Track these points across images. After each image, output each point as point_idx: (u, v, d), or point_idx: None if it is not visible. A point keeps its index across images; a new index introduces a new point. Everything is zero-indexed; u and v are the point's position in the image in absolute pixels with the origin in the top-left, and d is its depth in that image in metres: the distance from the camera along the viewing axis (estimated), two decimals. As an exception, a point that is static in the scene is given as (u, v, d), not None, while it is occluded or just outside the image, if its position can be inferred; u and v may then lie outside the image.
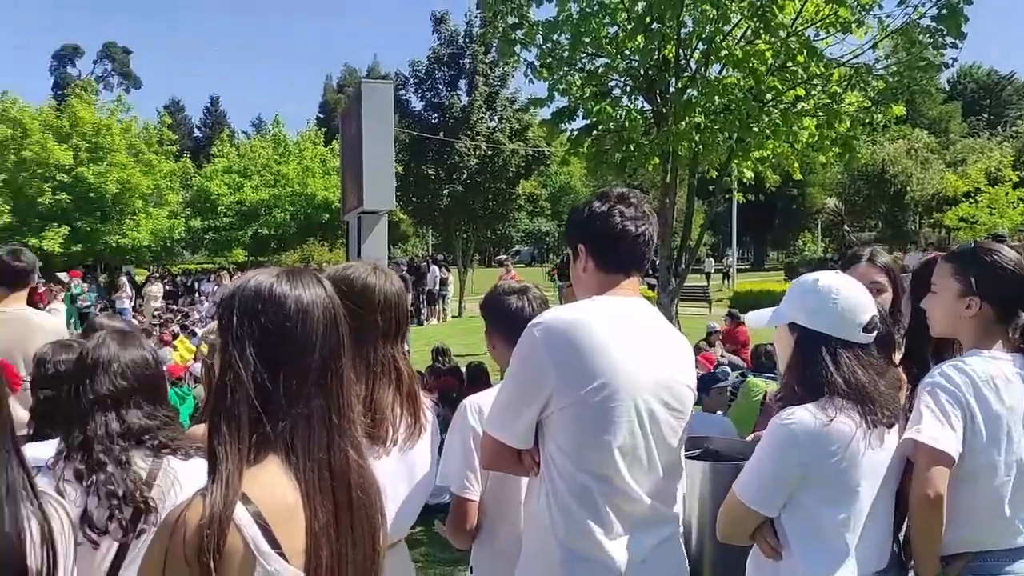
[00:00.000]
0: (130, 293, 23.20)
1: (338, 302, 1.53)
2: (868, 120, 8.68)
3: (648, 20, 7.94)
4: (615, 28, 8.39)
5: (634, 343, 2.02)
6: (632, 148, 8.57)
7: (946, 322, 2.31)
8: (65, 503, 1.75)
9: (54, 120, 27.94)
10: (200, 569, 1.29)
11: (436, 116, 24.78)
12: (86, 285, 22.32)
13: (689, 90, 8.32)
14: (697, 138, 8.10)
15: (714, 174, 9.53)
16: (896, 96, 8.56)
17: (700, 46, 8.36)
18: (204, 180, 32.70)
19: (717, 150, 8.78)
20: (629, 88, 8.97)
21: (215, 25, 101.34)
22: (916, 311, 2.53)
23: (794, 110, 8.40)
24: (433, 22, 25.21)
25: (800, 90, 8.30)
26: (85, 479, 2.03)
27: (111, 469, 2.05)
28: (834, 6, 7.80)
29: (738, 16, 7.96)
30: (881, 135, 26.59)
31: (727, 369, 7.12)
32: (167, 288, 25.61)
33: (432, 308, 22.72)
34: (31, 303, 4.78)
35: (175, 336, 13.71)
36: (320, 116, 57.50)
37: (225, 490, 1.33)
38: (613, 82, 8.97)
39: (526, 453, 2.09)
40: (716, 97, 8.04)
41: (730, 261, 36.65)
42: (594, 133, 8.91)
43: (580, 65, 8.75)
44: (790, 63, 8.03)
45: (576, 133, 9.21)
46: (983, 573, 2.16)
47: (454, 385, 8.30)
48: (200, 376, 8.36)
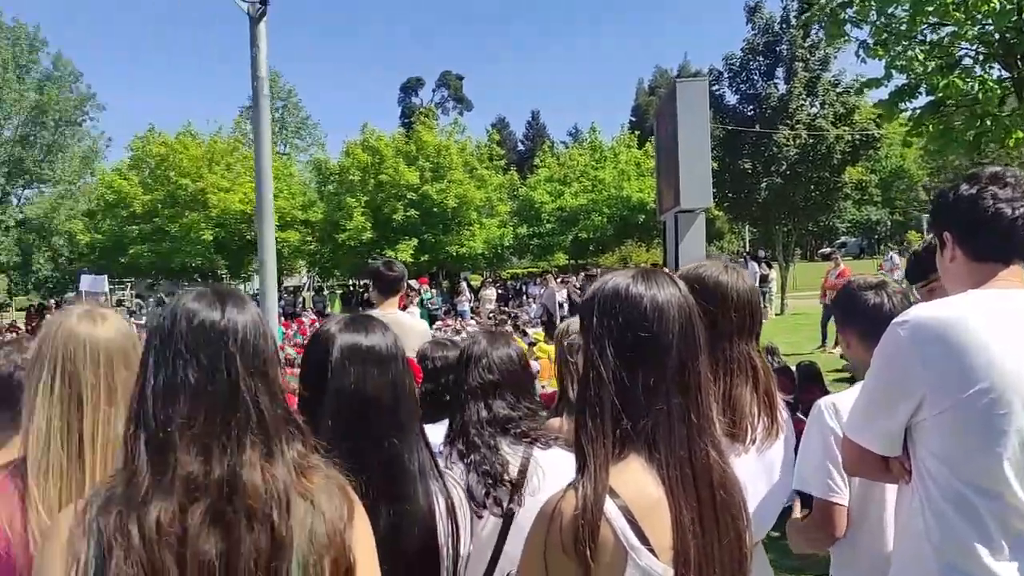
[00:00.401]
0: (469, 297, 25.43)
1: (692, 301, 1.55)
2: None
3: (1005, -23, 7.02)
4: (964, -9, 7.53)
5: (1019, 342, 1.79)
6: (988, 123, 7.61)
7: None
8: (459, 481, 2.03)
9: (404, 145, 31.13)
10: (577, 558, 1.37)
11: (752, 108, 23.96)
12: (434, 290, 24.95)
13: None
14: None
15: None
16: None
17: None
18: (528, 190, 34.58)
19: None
20: (982, 56, 7.98)
21: (534, 46, 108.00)
22: None
23: None
24: (747, 12, 24.45)
25: None
26: (465, 459, 2.30)
27: (484, 452, 2.28)
28: None
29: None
30: None
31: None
32: (499, 291, 27.53)
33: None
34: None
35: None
36: (632, 120, 58.22)
37: (594, 483, 1.40)
38: (962, 51, 8.05)
39: (894, 460, 1.95)
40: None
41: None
42: (941, 110, 8.06)
43: (921, 37, 7.97)
44: None
45: (918, 112, 8.39)
46: None
47: (786, 385, 7.98)
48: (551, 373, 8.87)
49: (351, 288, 32.33)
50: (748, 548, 1.53)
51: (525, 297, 27.19)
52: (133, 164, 33.62)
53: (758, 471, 2.05)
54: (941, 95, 7.71)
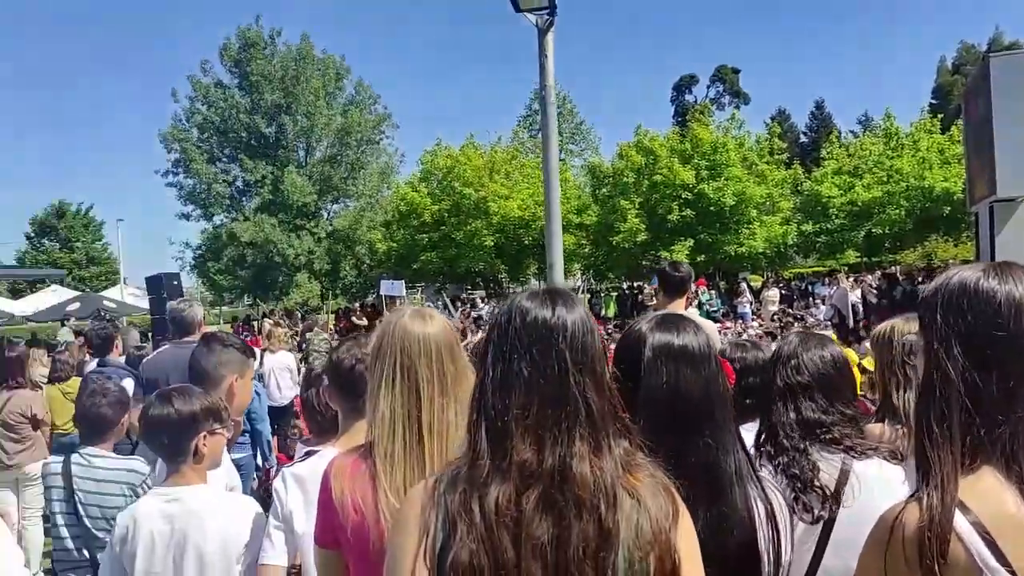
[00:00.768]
0: (750, 298, 24.54)
1: None
2: None
3: None
4: None
5: None
6: None
7: None
8: (778, 486, 1.95)
9: (678, 144, 30.87)
10: (923, 573, 1.28)
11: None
12: (712, 292, 24.40)
13: None
14: None
15: None
16: None
17: None
18: (814, 184, 32.72)
19: None
20: None
21: (815, 31, 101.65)
22: None
23: None
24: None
25: None
26: (773, 461, 2.22)
27: (793, 455, 2.20)
28: None
29: None
30: None
31: None
32: (782, 292, 26.29)
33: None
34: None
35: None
36: (934, 102, 52.70)
37: (942, 495, 1.29)
38: None
39: None
40: None
41: None
42: None
43: None
44: None
45: None
46: None
47: None
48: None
49: (625, 291, 32.62)
50: None
51: (812, 298, 25.72)
52: (423, 176, 36.73)
53: None
54: None
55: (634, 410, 1.73)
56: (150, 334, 13.95)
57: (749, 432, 2.35)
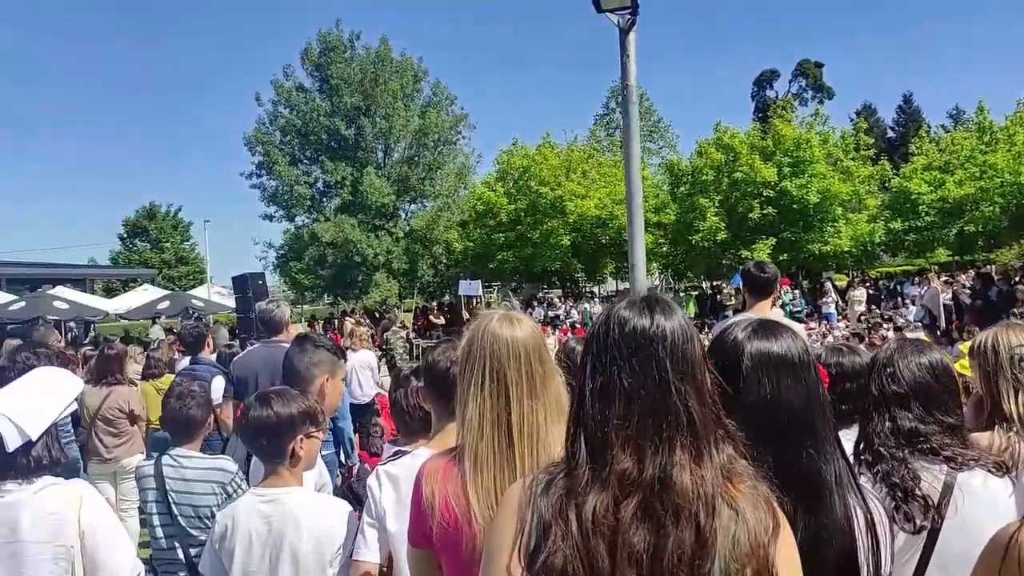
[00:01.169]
0: (835, 298, 23.83)
1: None
2: None
3: None
4: None
5: None
6: None
7: None
8: (877, 496, 1.89)
9: (759, 141, 30.20)
10: None
11: None
12: (795, 292, 23.79)
13: None
14: None
15: None
16: None
17: None
18: (903, 180, 31.52)
19: None
20: None
21: (904, 22, 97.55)
22: None
23: None
24: None
25: None
26: (871, 469, 2.18)
27: (892, 463, 2.15)
28: None
29: None
30: None
31: None
32: (869, 292, 25.46)
33: None
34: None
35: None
36: (1033, 93, 50.14)
37: None
38: None
39: None
40: None
41: None
42: None
43: None
44: None
45: None
46: None
47: None
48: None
49: (706, 291, 32.10)
50: None
51: (900, 298, 24.84)
52: (499, 176, 36.87)
53: None
54: None
55: (729, 415, 1.70)
56: (236, 331, 14.44)
57: (848, 440, 2.29)
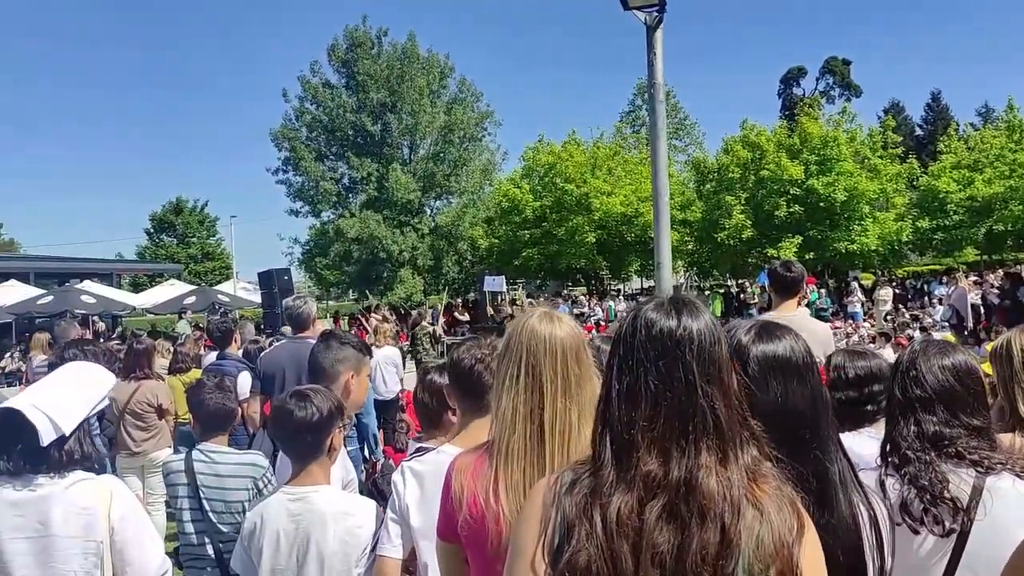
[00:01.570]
0: (861, 297, 23.58)
1: None
2: None
3: None
4: None
5: None
6: None
7: None
8: (879, 497, 1.90)
9: (786, 139, 29.86)
10: None
11: None
12: (821, 291, 23.57)
13: None
14: None
15: None
16: None
17: None
18: (931, 179, 31.10)
19: None
20: None
21: (932, 19, 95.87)
22: None
23: None
24: None
25: None
26: (899, 471, 2.17)
27: (918, 466, 2.14)
28: None
29: None
30: None
31: None
32: (896, 291, 25.16)
33: None
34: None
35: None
36: (1067, 89, 49.15)
37: None
38: None
39: None
40: None
41: None
42: None
43: None
44: None
45: None
46: None
47: None
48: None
49: (732, 289, 31.86)
50: None
51: (927, 298, 24.52)
52: (525, 173, 36.80)
53: None
54: None
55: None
56: (261, 327, 14.56)
57: (875, 439, 2.29)
